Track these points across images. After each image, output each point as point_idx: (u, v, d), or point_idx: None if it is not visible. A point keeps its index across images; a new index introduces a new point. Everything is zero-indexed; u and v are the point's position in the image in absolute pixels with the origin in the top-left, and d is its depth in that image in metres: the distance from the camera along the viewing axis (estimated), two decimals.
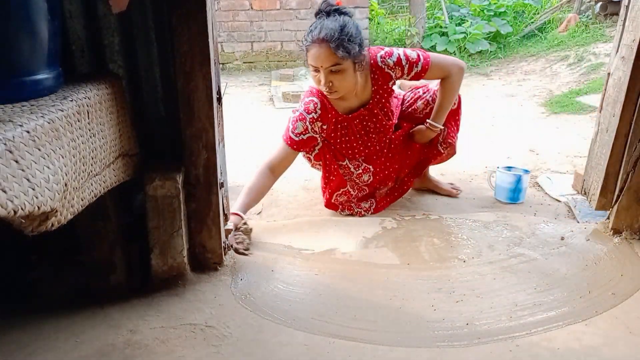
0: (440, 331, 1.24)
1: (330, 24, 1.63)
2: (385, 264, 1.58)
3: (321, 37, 1.62)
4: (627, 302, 1.34)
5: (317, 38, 1.63)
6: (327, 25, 1.63)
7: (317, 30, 1.64)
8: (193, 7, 1.23)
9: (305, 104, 1.81)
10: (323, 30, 1.62)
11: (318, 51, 1.63)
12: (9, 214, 0.69)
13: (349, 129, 1.87)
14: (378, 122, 1.88)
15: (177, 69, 1.28)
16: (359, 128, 1.88)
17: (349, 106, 1.85)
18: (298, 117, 1.80)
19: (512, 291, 1.41)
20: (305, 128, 1.79)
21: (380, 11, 7.03)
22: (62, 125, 0.88)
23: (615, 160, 1.63)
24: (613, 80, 1.67)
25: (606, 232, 1.70)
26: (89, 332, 1.22)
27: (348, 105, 1.84)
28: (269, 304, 1.35)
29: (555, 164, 2.50)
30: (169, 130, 1.41)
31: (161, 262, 1.37)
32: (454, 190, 2.15)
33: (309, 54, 1.67)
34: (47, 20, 0.92)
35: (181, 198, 1.33)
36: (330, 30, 1.61)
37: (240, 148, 2.90)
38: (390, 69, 1.79)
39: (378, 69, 1.78)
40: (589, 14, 5.86)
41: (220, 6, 5.64)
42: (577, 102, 3.75)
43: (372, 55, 1.78)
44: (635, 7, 1.55)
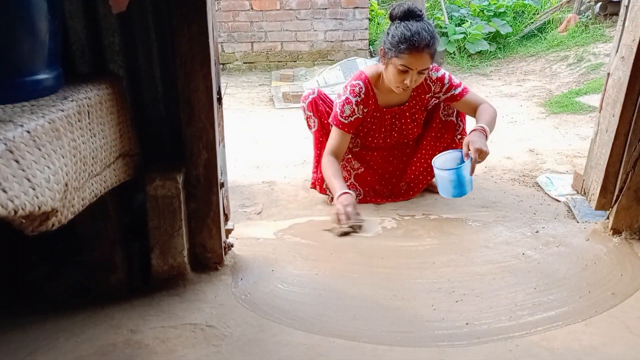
0: (440, 331, 1.24)
1: (427, 31, 1.72)
2: (385, 264, 1.58)
3: (425, 43, 1.71)
4: (627, 302, 1.34)
5: (422, 44, 1.70)
6: (425, 31, 1.72)
7: (418, 35, 1.70)
8: (193, 7, 1.23)
9: (351, 86, 1.92)
10: (425, 36, 1.71)
11: (420, 56, 1.72)
12: (10, 213, 0.69)
13: (380, 120, 1.99)
14: (405, 124, 2.00)
15: (177, 69, 1.28)
16: (388, 123, 2.00)
17: (388, 101, 1.96)
18: (345, 101, 1.91)
19: (511, 291, 1.41)
20: (352, 111, 1.91)
21: (380, 11, 7.03)
22: (63, 125, 0.89)
23: (615, 160, 1.63)
24: (613, 80, 1.67)
25: (606, 232, 1.70)
26: (89, 332, 1.22)
27: (389, 99, 1.96)
28: (269, 304, 1.35)
29: (555, 164, 2.50)
30: (169, 130, 1.41)
31: (161, 261, 1.37)
32: None
33: (407, 57, 1.72)
34: (47, 20, 0.92)
35: (181, 198, 1.33)
36: (430, 36, 1.72)
37: (240, 148, 2.90)
38: (432, 82, 1.92)
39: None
40: (588, 14, 5.86)
41: (220, 6, 5.64)
42: (577, 102, 3.75)
43: None
44: (635, 7, 1.55)
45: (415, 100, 1.97)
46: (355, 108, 1.90)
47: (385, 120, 1.98)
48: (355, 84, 1.92)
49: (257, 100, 4.52)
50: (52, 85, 0.97)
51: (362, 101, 1.91)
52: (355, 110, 1.91)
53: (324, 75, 4.91)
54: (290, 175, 2.43)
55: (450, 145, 2.06)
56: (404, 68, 1.75)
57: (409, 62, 1.73)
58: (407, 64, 1.73)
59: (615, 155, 1.62)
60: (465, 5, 6.79)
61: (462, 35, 5.77)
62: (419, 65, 1.74)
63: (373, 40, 6.34)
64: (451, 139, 2.07)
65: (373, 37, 6.38)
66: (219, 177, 1.41)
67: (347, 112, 1.90)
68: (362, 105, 1.92)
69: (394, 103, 1.97)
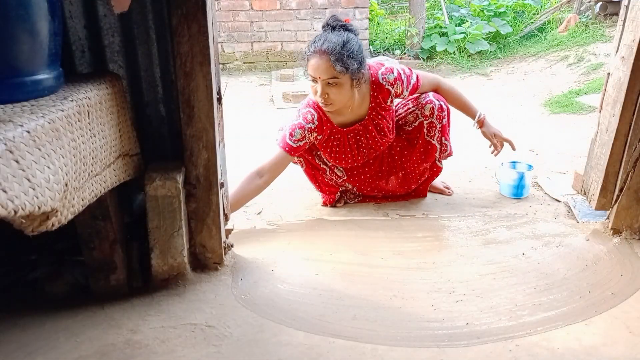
0: (440, 331, 1.24)
1: (333, 38, 1.68)
2: (385, 264, 1.58)
3: (323, 48, 1.66)
4: (627, 302, 1.34)
5: (319, 49, 1.67)
6: (331, 38, 1.68)
7: (320, 42, 1.69)
8: (193, 7, 1.23)
9: (303, 114, 1.85)
10: (326, 42, 1.67)
11: (318, 62, 1.68)
12: (10, 213, 0.69)
13: (342, 142, 1.91)
14: (371, 138, 1.92)
15: (177, 69, 1.28)
16: (352, 142, 1.92)
17: (344, 120, 1.89)
18: (297, 125, 1.83)
19: (512, 291, 1.41)
20: (303, 136, 1.82)
21: (380, 11, 7.03)
22: (63, 125, 0.89)
23: (615, 160, 1.63)
24: (613, 80, 1.67)
25: (606, 232, 1.70)
26: (89, 332, 1.22)
27: (343, 119, 1.89)
28: (269, 304, 1.35)
29: (555, 164, 2.50)
30: (169, 130, 1.41)
31: (161, 261, 1.37)
32: (447, 189, 2.18)
33: (309, 64, 1.71)
34: (47, 20, 0.92)
35: (181, 198, 1.33)
36: (332, 43, 1.66)
37: (240, 148, 2.90)
38: (391, 85, 1.84)
39: (378, 85, 1.83)
40: (588, 14, 5.86)
41: (220, 6, 5.64)
42: (577, 102, 3.75)
43: (373, 72, 1.83)
44: (635, 7, 1.55)
45: (376, 111, 1.87)
46: (307, 134, 1.82)
47: (348, 139, 1.90)
48: (307, 112, 1.84)
49: (257, 100, 4.52)
50: (52, 85, 0.97)
51: (315, 128, 1.83)
52: (306, 137, 1.82)
53: None
54: (290, 175, 2.43)
55: (432, 167, 2.04)
56: (311, 77, 1.73)
57: (311, 69, 1.70)
58: (310, 71, 1.71)
59: (615, 155, 1.62)
60: (466, 5, 6.79)
61: (462, 35, 5.77)
62: (318, 72, 1.68)
63: (373, 40, 6.34)
64: (432, 162, 2.02)
65: (373, 37, 6.38)
66: (219, 177, 1.41)
67: (298, 136, 1.81)
68: (315, 133, 1.84)
69: (352, 121, 1.89)
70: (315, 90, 1.75)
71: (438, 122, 1.92)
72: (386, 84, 1.83)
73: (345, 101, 1.77)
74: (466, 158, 2.61)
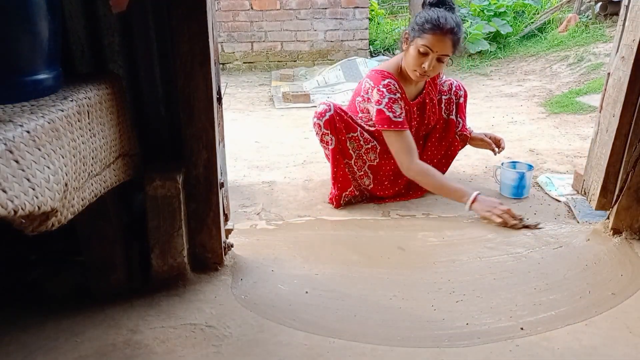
0: (440, 331, 1.24)
1: (455, 19, 1.78)
2: (385, 264, 1.58)
3: (448, 27, 1.75)
4: (627, 302, 1.34)
5: (447, 27, 1.75)
6: (453, 18, 1.77)
7: (444, 19, 1.75)
8: (193, 7, 1.23)
9: (385, 86, 1.87)
10: (451, 22, 1.76)
11: (442, 39, 1.76)
12: (9, 213, 0.69)
13: (409, 114, 1.99)
14: (429, 110, 2.04)
15: (177, 69, 1.28)
16: (418, 114, 2.04)
17: (413, 92, 2.00)
18: (390, 101, 1.87)
19: (512, 291, 1.41)
20: (401, 107, 1.89)
21: (380, 11, 7.03)
22: (63, 125, 0.88)
23: (615, 160, 1.63)
24: (613, 80, 1.67)
25: (606, 232, 1.70)
26: (89, 332, 1.22)
27: (414, 90, 2.00)
28: (269, 304, 1.35)
29: (555, 164, 2.50)
30: (169, 130, 1.41)
31: (161, 262, 1.37)
32: None
33: (428, 37, 1.76)
34: (47, 20, 0.92)
35: (181, 198, 1.33)
36: (456, 24, 1.77)
37: (240, 148, 2.90)
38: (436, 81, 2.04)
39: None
40: (589, 14, 5.86)
41: (220, 6, 5.63)
42: (577, 102, 3.75)
43: None
44: (635, 7, 1.55)
45: (431, 87, 2.02)
46: (401, 104, 1.89)
47: (412, 113, 2.00)
48: (388, 83, 1.88)
49: (257, 100, 4.52)
50: (52, 85, 0.97)
51: (401, 97, 1.90)
52: (402, 106, 1.90)
53: (324, 75, 4.91)
54: (290, 175, 2.43)
55: (452, 143, 2.12)
56: (425, 49, 1.78)
57: (430, 43, 1.76)
58: (428, 44, 1.76)
59: (616, 155, 1.62)
60: (466, 5, 6.78)
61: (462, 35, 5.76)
62: (439, 48, 1.76)
63: (373, 40, 6.34)
64: (452, 137, 2.13)
65: (373, 37, 6.38)
66: (218, 177, 1.41)
67: (398, 110, 1.87)
68: (402, 102, 1.91)
69: (416, 93, 2.01)
70: (422, 62, 1.80)
71: (455, 98, 2.09)
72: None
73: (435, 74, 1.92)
74: (466, 158, 2.60)
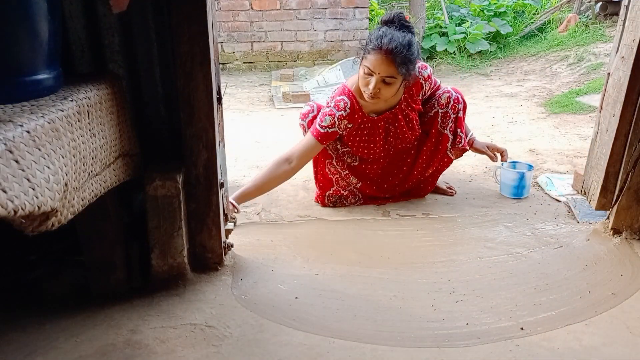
0: (440, 331, 1.24)
1: (401, 39, 1.68)
2: (385, 264, 1.58)
3: (390, 47, 1.66)
4: (627, 302, 1.34)
5: (387, 48, 1.66)
6: (398, 38, 1.67)
7: (387, 39, 1.67)
8: (193, 7, 1.23)
9: (336, 101, 1.87)
10: (394, 42, 1.66)
11: (382, 59, 1.67)
12: (9, 214, 0.69)
13: (372, 130, 1.93)
14: (399, 127, 1.94)
15: (177, 69, 1.28)
16: (381, 131, 1.94)
17: (376, 109, 1.91)
18: (328, 112, 1.86)
19: (512, 291, 1.41)
20: (332, 123, 1.84)
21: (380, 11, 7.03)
22: (63, 125, 0.88)
23: (615, 160, 1.63)
24: (613, 80, 1.67)
25: (606, 232, 1.70)
26: (89, 332, 1.22)
27: (376, 108, 1.91)
28: (269, 304, 1.35)
29: (555, 164, 2.50)
30: (169, 130, 1.41)
31: (161, 262, 1.37)
32: (449, 190, 2.17)
33: (370, 58, 1.70)
34: (47, 20, 0.92)
35: (181, 198, 1.33)
36: (400, 45, 1.66)
37: (240, 148, 2.90)
38: (424, 80, 1.90)
39: (414, 78, 1.84)
40: (589, 14, 5.85)
41: (220, 6, 5.63)
42: (577, 102, 3.75)
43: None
44: (635, 7, 1.55)
45: (407, 102, 1.91)
46: (336, 121, 1.84)
47: (378, 127, 1.92)
48: (340, 100, 1.86)
49: (257, 100, 4.52)
50: (51, 85, 0.97)
51: (346, 116, 1.85)
52: (336, 124, 1.84)
53: (324, 75, 4.91)
54: None
55: (442, 159, 2.04)
56: (368, 70, 1.71)
57: (372, 64, 1.69)
58: (370, 65, 1.70)
59: (616, 155, 1.62)
60: (466, 5, 6.79)
61: (463, 35, 5.76)
62: (381, 69, 1.68)
63: None
64: (443, 153, 2.03)
65: None
66: (218, 177, 1.41)
67: (327, 122, 1.83)
68: (346, 121, 1.85)
69: (384, 109, 1.92)
70: (367, 83, 1.74)
71: (452, 113, 1.97)
72: (421, 78, 1.88)
73: (390, 97, 1.81)
74: (467, 158, 2.60)
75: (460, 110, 1.98)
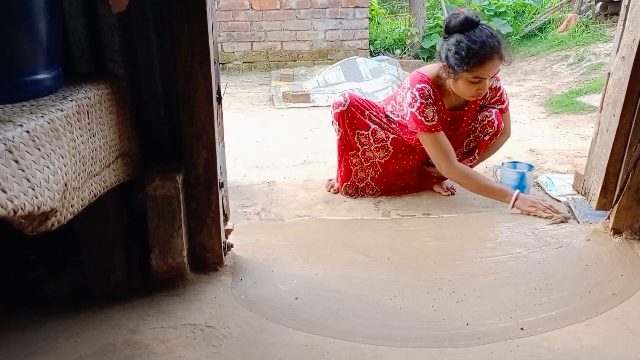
0: (440, 331, 1.24)
1: (489, 35, 1.72)
2: (385, 264, 1.58)
3: (494, 50, 1.72)
4: (627, 302, 1.34)
5: (492, 52, 1.71)
6: (487, 36, 1.72)
7: (486, 45, 1.71)
8: (193, 7, 1.23)
9: (418, 90, 1.87)
10: (492, 43, 1.71)
11: (493, 63, 1.73)
12: (9, 214, 0.68)
13: (443, 124, 1.95)
14: (461, 128, 2.03)
15: (177, 69, 1.28)
16: (451, 126, 2.01)
17: (450, 104, 1.95)
18: (421, 107, 1.86)
19: (512, 291, 1.41)
20: (433, 111, 1.87)
21: (380, 11, 7.04)
22: (62, 125, 0.88)
23: (616, 160, 1.63)
24: (613, 80, 1.67)
25: (606, 232, 1.70)
26: (89, 332, 1.22)
27: (451, 102, 1.95)
28: (269, 304, 1.35)
29: (555, 164, 2.50)
30: (169, 130, 1.41)
31: (161, 262, 1.37)
32: (452, 190, 2.18)
33: (479, 70, 1.73)
34: (47, 20, 0.92)
35: (181, 198, 1.33)
36: (495, 41, 1.72)
37: (240, 148, 2.90)
38: (490, 89, 1.96)
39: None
40: (589, 14, 5.85)
41: (220, 6, 5.63)
42: (577, 102, 3.75)
43: None
44: (635, 7, 1.55)
45: (474, 105, 1.97)
46: (433, 108, 1.86)
47: (446, 122, 1.96)
48: (422, 87, 1.86)
49: (257, 100, 4.52)
50: (51, 85, 0.97)
51: (433, 102, 1.87)
52: (434, 110, 1.87)
53: (324, 75, 4.91)
54: (290, 175, 2.43)
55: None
56: (477, 80, 1.76)
57: (481, 73, 1.74)
58: (480, 75, 1.74)
59: (616, 155, 1.62)
60: (466, 5, 6.78)
61: None
62: (491, 72, 1.76)
63: (373, 39, 6.34)
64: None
65: (373, 37, 6.38)
66: (218, 177, 1.40)
67: (430, 114, 1.86)
68: (434, 107, 1.88)
69: (456, 106, 1.97)
70: (477, 89, 1.78)
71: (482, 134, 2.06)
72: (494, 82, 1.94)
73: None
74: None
75: (489, 134, 2.03)
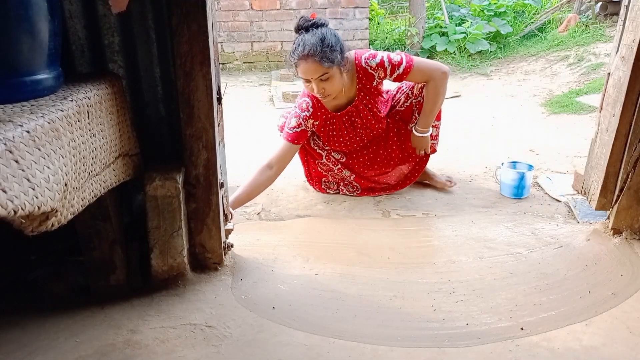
0: (440, 331, 1.24)
1: (311, 39, 1.76)
2: (385, 264, 1.58)
3: (305, 52, 1.76)
4: (627, 302, 1.34)
5: (303, 54, 1.76)
6: (309, 40, 1.76)
7: (300, 47, 1.77)
8: (193, 7, 1.23)
9: (298, 104, 2.00)
10: (306, 46, 1.76)
11: (305, 66, 1.78)
12: (9, 214, 0.69)
13: (337, 125, 2.02)
14: (364, 117, 2.01)
15: (177, 69, 1.28)
16: (347, 124, 2.02)
17: (337, 104, 2.00)
18: (293, 114, 1.99)
19: (512, 291, 1.41)
20: (299, 123, 1.96)
21: (380, 11, 7.04)
22: (62, 125, 0.88)
23: (615, 160, 1.63)
24: (613, 80, 1.67)
25: (606, 232, 1.70)
26: (89, 332, 1.22)
27: (336, 103, 1.99)
28: (268, 304, 1.35)
29: (555, 164, 2.50)
30: (169, 130, 1.41)
31: (161, 262, 1.37)
32: (449, 182, 2.21)
33: (299, 69, 1.82)
34: (47, 20, 0.92)
35: (181, 198, 1.33)
36: (312, 45, 1.75)
37: (240, 148, 2.90)
38: (373, 70, 1.90)
39: (362, 69, 1.91)
40: (589, 14, 5.85)
41: (220, 6, 5.63)
42: (577, 102, 3.75)
43: (357, 56, 1.91)
44: (635, 7, 1.55)
45: (364, 92, 1.95)
46: (302, 121, 1.95)
47: (343, 122, 2.00)
48: (302, 101, 1.98)
49: (257, 100, 4.52)
50: (51, 85, 0.97)
51: (311, 115, 1.96)
52: (302, 123, 1.95)
53: None
54: (290, 175, 2.43)
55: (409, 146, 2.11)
56: (304, 79, 1.83)
57: (302, 73, 1.81)
58: (302, 74, 1.82)
59: (616, 155, 1.62)
60: (466, 5, 6.79)
61: (463, 35, 5.76)
62: (309, 73, 1.78)
63: (373, 40, 6.34)
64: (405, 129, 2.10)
65: (373, 37, 6.38)
66: (218, 177, 1.40)
67: (294, 123, 1.95)
68: (311, 120, 1.96)
69: (344, 103, 1.99)
70: (312, 89, 1.85)
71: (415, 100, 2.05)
72: (369, 68, 1.90)
73: (339, 88, 1.87)
74: (467, 158, 2.60)
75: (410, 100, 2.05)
